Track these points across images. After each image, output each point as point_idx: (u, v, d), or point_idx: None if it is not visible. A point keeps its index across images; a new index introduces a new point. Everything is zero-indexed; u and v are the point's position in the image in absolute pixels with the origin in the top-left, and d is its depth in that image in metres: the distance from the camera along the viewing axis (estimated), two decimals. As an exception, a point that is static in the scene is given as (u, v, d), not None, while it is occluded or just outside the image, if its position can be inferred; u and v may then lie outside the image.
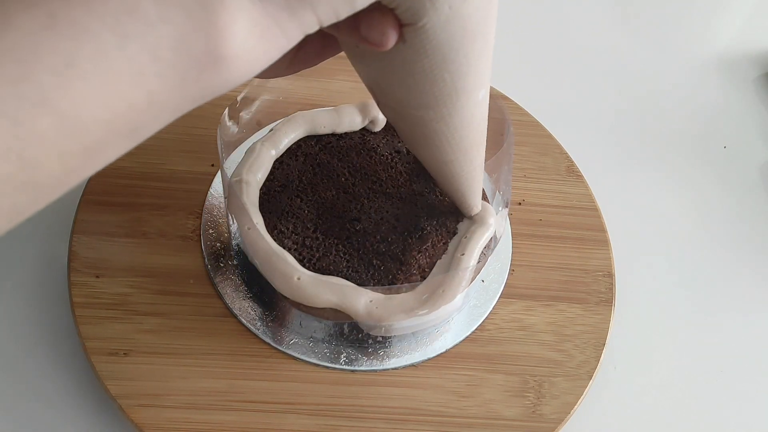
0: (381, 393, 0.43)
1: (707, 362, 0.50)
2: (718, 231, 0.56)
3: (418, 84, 0.33)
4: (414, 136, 0.37)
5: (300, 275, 0.40)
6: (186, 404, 0.41)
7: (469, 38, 0.31)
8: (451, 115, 0.35)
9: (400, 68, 0.32)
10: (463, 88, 0.34)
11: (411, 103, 0.34)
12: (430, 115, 0.35)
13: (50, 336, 0.45)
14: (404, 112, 0.35)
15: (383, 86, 0.35)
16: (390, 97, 0.35)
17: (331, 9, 0.25)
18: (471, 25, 0.30)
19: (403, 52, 0.31)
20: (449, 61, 0.31)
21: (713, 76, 0.67)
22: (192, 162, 0.50)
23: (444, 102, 0.34)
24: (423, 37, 0.30)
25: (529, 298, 0.48)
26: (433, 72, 0.32)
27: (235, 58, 0.24)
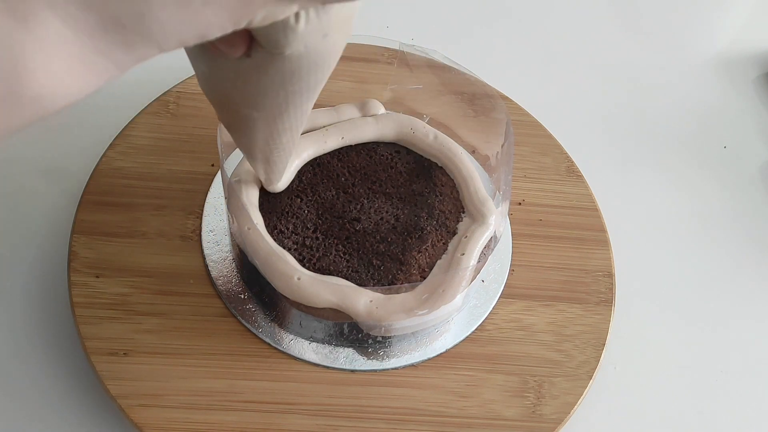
0: (381, 393, 0.43)
1: (707, 362, 0.50)
2: (718, 231, 0.56)
3: (251, 92, 0.32)
4: (234, 125, 0.37)
5: (300, 275, 0.40)
6: (186, 404, 0.41)
7: (315, 70, 0.31)
8: (276, 120, 0.35)
9: (236, 74, 0.31)
10: (294, 103, 0.33)
11: (239, 102, 0.34)
12: (254, 115, 0.34)
13: (50, 336, 0.45)
14: (229, 105, 0.35)
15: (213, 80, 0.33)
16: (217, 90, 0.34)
17: (178, 42, 0.23)
18: (319, 61, 0.30)
19: (245, 63, 0.29)
20: (290, 84, 0.31)
21: (713, 76, 0.67)
22: (192, 162, 0.50)
23: (272, 111, 0.34)
24: (271, 60, 0.29)
25: (529, 298, 0.48)
26: (268, 87, 0.31)
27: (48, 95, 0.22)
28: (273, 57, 0.29)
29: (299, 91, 0.32)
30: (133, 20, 0.21)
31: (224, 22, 0.23)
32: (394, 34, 0.49)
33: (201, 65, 0.32)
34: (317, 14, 0.26)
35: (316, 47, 0.29)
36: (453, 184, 0.47)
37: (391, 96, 0.50)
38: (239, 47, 0.28)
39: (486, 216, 0.45)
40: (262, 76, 0.30)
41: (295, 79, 0.31)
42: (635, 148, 0.60)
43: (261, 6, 0.23)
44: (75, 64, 0.22)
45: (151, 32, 0.22)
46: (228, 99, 0.34)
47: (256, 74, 0.30)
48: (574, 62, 0.66)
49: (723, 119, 0.64)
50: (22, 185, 0.50)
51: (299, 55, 0.28)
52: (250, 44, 0.28)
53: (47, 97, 0.22)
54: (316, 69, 0.31)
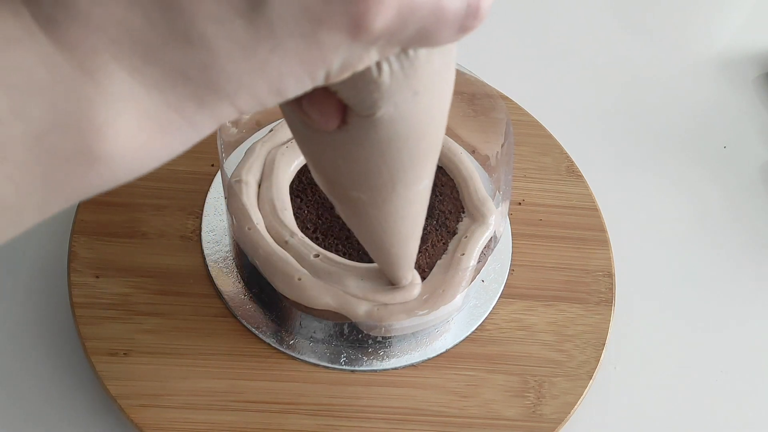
0: (381, 393, 0.43)
1: (707, 362, 0.50)
2: (718, 231, 0.56)
3: (353, 170, 0.30)
4: (347, 211, 0.35)
5: (300, 275, 0.40)
6: (186, 404, 0.41)
7: (413, 139, 0.28)
8: (386, 202, 0.32)
9: (336, 150, 0.29)
10: (401, 180, 0.31)
11: (344, 183, 0.32)
12: (362, 198, 0.32)
13: (50, 336, 0.45)
14: (337, 189, 0.33)
15: (318, 161, 0.31)
16: (324, 171, 0.32)
17: (253, 99, 0.21)
18: (416, 127, 0.28)
19: (342, 136, 0.28)
20: (389, 156, 0.29)
21: (713, 76, 0.67)
22: (192, 162, 0.50)
23: (378, 191, 0.31)
24: (365, 128, 0.27)
25: (530, 298, 0.48)
26: (369, 161, 0.29)
27: (120, 156, 0.20)
28: (367, 125, 0.27)
29: (401, 166, 0.30)
30: (197, 71, 0.20)
31: (298, 72, 0.21)
32: (394, 34, 0.49)
33: (306, 147, 0.31)
34: (401, 65, 0.24)
35: (407, 109, 0.26)
36: (453, 184, 0.47)
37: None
38: (332, 117, 0.27)
39: (486, 216, 0.45)
40: (359, 149, 0.28)
41: (394, 151, 0.28)
42: (635, 148, 0.60)
43: (333, 50, 0.21)
44: (146, 122, 0.21)
45: (219, 85, 0.21)
46: (335, 182, 0.32)
47: (353, 147, 0.28)
48: (574, 62, 0.66)
49: (723, 119, 0.64)
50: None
51: (390, 118, 0.26)
52: (344, 116, 0.27)
53: (119, 159, 0.20)
54: (413, 138, 0.28)
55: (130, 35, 0.19)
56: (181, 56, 0.20)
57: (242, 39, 0.20)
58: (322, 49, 0.21)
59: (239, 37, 0.20)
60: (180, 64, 0.20)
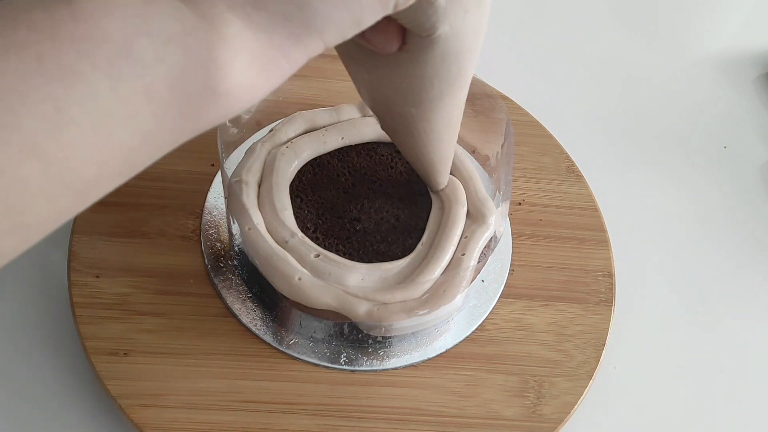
0: (381, 393, 0.43)
1: (707, 362, 0.50)
2: (718, 231, 0.56)
3: (409, 86, 0.34)
4: (395, 126, 0.39)
5: (300, 275, 0.40)
6: (186, 404, 0.41)
7: (462, 53, 0.32)
8: (434, 112, 0.36)
9: (393, 71, 0.33)
10: (449, 91, 0.35)
11: (397, 101, 0.35)
12: (413, 112, 0.36)
13: (50, 336, 0.45)
14: (389, 107, 0.37)
15: (374, 84, 0.35)
16: (378, 93, 0.36)
17: (337, 32, 0.25)
18: (465, 42, 0.31)
19: (400, 58, 0.32)
20: (442, 70, 0.33)
21: (713, 76, 0.67)
22: (192, 162, 0.50)
23: (429, 102, 0.35)
24: (422, 48, 0.31)
25: (529, 298, 0.48)
26: (424, 78, 0.33)
27: (236, 91, 0.24)
28: (424, 45, 0.30)
29: (450, 78, 0.33)
30: (295, 12, 0.24)
31: (374, 5, 0.25)
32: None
33: (363, 73, 0.35)
34: None
35: (459, 27, 0.30)
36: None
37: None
38: (394, 40, 0.30)
39: (486, 216, 0.45)
40: (416, 68, 0.32)
41: (446, 65, 0.32)
42: (635, 148, 0.60)
43: None
44: (255, 61, 0.24)
45: (312, 23, 0.24)
46: (388, 101, 0.36)
47: (412, 66, 0.32)
48: (574, 62, 0.66)
49: (723, 119, 0.64)
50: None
51: (446, 37, 0.30)
52: (404, 38, 0.30)
53: (235, 93, 0.24)
54: (463, 52, 0.32)
55: None
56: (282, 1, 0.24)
57: None
58: None
59: None
60: (281, 8, 0.24)
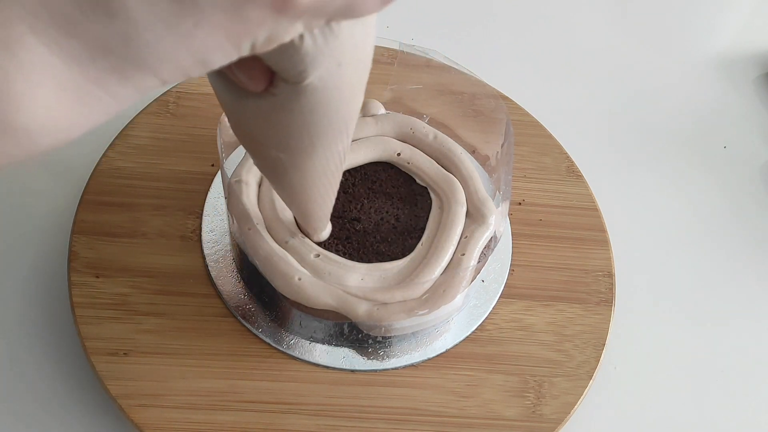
0: (381, 393, 0.43)
1: (707, 362, 0.50)
2: (718, 231, 0.56)
3: (276, 132, 0.31)
4: (266, 169, 0.36)
5: (300, 275, 0.40)
6: (186, 404, 0.41)
7: (336, 106, 0.29)
8: (306, 161, 0.33)
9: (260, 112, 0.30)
10: (321, 144, 0.32)
11: (266, 144, 0.33)
12: (282, 158, 0.33)
13: (50, 336, 0.45)
14: (257, 147, 0.34)
15: (241, 120, 0.32)
16: (246, 130, 0.33)
17: (176, 70, 0.21)
18: (339, 95, 0.29)
19: (267, 101, 0.29)
20: (311, 122, 0.30)
21: (713, 76, 0.67)
22: (192, 162, 0.50)
23: (299, 152, 0.32)
24: (290, 95, 0.28)
25: (529, 298, 0.48)
26: (291, 127, 0.30)
27: (39, 127, 0.20)
28: (293, 92, 0.28)
29: (323, 131, 0.31)
30: (119, 45, 0.20)
31: (224, 45, 0.21)
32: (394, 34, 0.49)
33: (228, 103, 0.31)
34: (325, 37, 0.25)
35: (331, 79, 0.27)
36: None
37: (391, 96, 0.50)
38: (260, 81, 0.27)
39: (486, 216, 0.45)
40: (283, 115, 0.29)
41: (317, 117, 0.29)
42: (635, 148, 0.60)
43: (258, 24, 0.21)
44: (65, 94, 0.20)
45: (142, 58, 0.21)
46: (255, 140, 0.33)
47: (278, 113, 0.29)
48: (574, 62, 0.66)
49: (723, 119, 0.64)
50: (22, 185, 0.50)
51: (315, 88, 0.27)
52: (272, 80, 0.27)
53: (36, 130, 0.21)
54: (335, 105, 0.29)
55: (49, 7, 0.19)
56: (102, 29, 0.20)
57: (166, 12, 0.20)
58: (248, 23, 0.21)
59: (162, 10, 0.20)
60: (101, 37, 0.20)
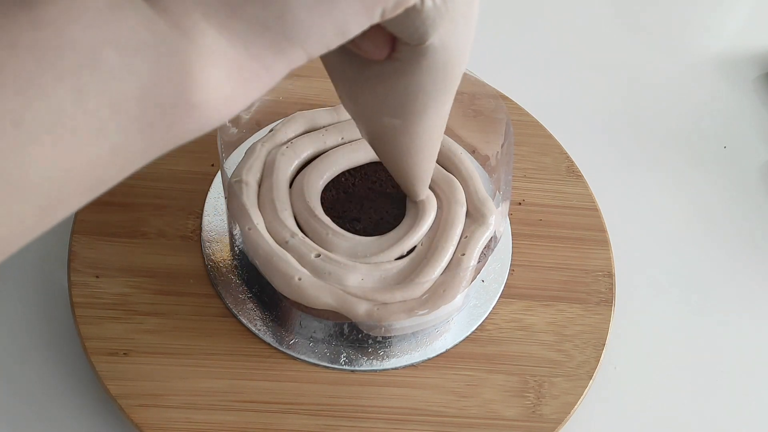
0: (381, 393, 0.43)
1: (707, 362, 0.50)
2: (718, 231, 0.56)
3: (394, 98, 0.33)
4: (376, 136, 0.38)
5: (300, 275, 0.40)
6: (186, 404, 0.41)
7: (449, 67, 0.31)
8: (417, 125, 0.35)
9: (379, 81, 0.32)
10: (434, 105, 0.34)
11: (381, 111, 0.34)
12: (396, 123, 0.35)
13: (50, 336, 0.45)
14: (371, 116, 0.36)
15: (357, 92, 0.34)
16: (361, 102, 0.35)
17: (321, 42, 0.24)
18: (452, 55, 0.31)
19: (387, 67, 0.31)
20: (428, 83, 0.32)
21: (713, 76, 0.67)
22: (192, 162, 0.50)
23: (413, 115, 0.34)
24: (412, 57, 0.30)
25: (529, 298, 0.48)
26: (409, 90, 0.32)
27: (212, 104, 0.23)
28: (414, 54, 0.30)
29: (435, 91, 0.33)
30: (275, 22, 0.23)
31: (360, 14, 0.24)
32: (394, 34, 0.49)
33: (347, 80, 0.34)
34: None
35: (448, 38, 0.29)
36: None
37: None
38: (384, 47, 0.30)
39: (486, 216, 0.45)
40: (403, 79, 0.31)
41: (432, 78, 0.32)
42: (635, 148, 0.60)
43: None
44: (233, 72, 0.23)
45: (293, 33, 0.23)
46: (371, 110, 0.35)
47: (398, 77, 0.31)
48: (574, 62, 0.66)
49: (723, 119, 0.64)
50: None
51: (435, 48, 0.29)
52: (394, 46, 0.30)
53: (211, 106, 0.23)
54: (450, 65, 0.31)
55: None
56: (261, 9, 0.23)
57: None
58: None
59: None
60: (260, 17, 0.23)
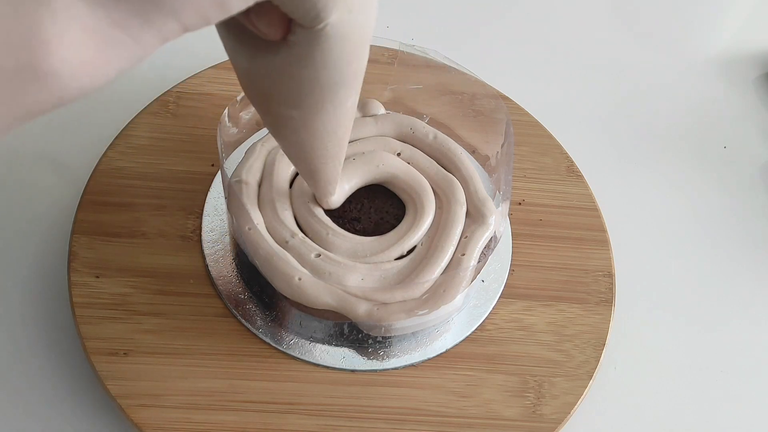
0: (381, 393, 0.43)
1: (707, 362, 0.50)
2: (718, 231, 0.56)
3: (288, 86, 0.32)
4: (276, 129, 0.36)
5: (300, 275, 0.40)
6: (186, 404, 0.41)
7: (345, 58, 0.30)
8: (315, 119, 0.34)
9: (273, 65, 0.31)
10: (331, 99, 0.33)
11: (278, 100, 0.33)
12: (293, 115, 0.34)
13: (50, 336, 0.45)
14: (269, 105, 0.34)
15: (253, 76, 0.33)
16: (257, 87, 0.33)
17: (198, 16, 0.22)
18: (348, 46, 0.30)
19: (282, 52, 0.30)
20: (323, 74, 0.31)
21: (713, 76, 0.67)
22: (192, 162, 0.50)
23: (309, 108, 0.33)
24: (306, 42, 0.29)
25: (529, 298, 0.48)
26: (303, 79, 0.31)
27: (68, 72, 0.21)
28: (308, 39, 0.28)
29: (335, 85, 0.32)
30: None
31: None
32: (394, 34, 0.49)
33: (242, 60, 0.32)
34: None
35: (342, 27, 0.28)
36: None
37: (391, 96, 0.50)
38: (278, 28, 0.28)
39: (486, 216, 0.45)
40: (297, 67, 0.30)
41: (329, 69, 0.30)
42: (635, 148, 0.60)
43: None
44: (91, 38, 0.21)
45: (164, 2, 0.21)
46: (267, 97, 0.34)
47: (292, 65, 0.30)
48: (574, 62, 0.66)
49: (723, 119, 0.64)
50: (21, 185, 0.50)
51: (328, 36, 0.28)
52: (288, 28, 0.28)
53: (66, 74, 0.21)
54: (346, 57, 0.30)
55: None
56: None
57: None
58: None
59: None
60: None
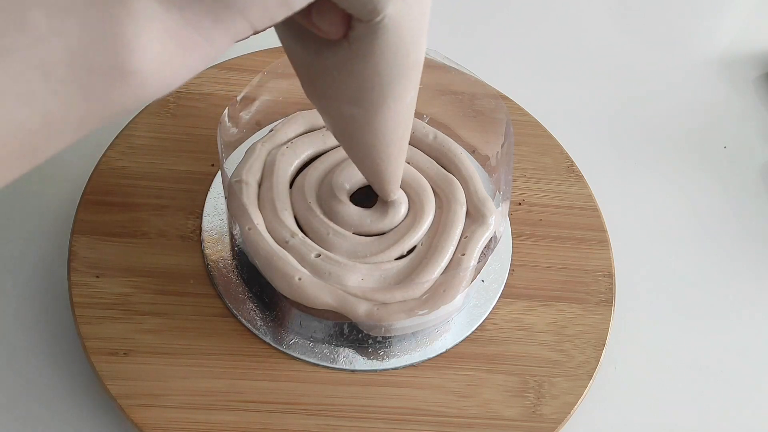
0: (381, 393, 0.43)
1: (707, 362, 0.50)
2: (718, 231, 0.56)
3: (350, 83, 0.32)
4: (340, 128, 0.37)
5: (300, 275, 0.40)
6: (186, 404, 0.41)
7: (402, 51, 0.31)
8: (378, 115, 0.35)
9: (334, 64, 0.32)
10: (391, 94, 0.33)
11: (339, 99, 0.34)
12: (355, 113, 0.34)
13: (50, 336, 0.45)
14: (332, 105, 0.35)
15: (315, 76, 0.34)
16: (320, 88, 0.34)
17: (265, 14, 0.24)
18: (405, 38, 0.30)
19: (342, 49, 0.30)
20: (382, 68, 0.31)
21: (713, 76, 0.67)
22: (192, 162, 0.50)
23: (371, 104, 0.34)
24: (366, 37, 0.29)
25: (529, 298, 0.48)
26: (364, 76, 0.32)
27: (148, 71, 0.22)
28: (368, 33, 0.29)
29: (392, 77, 0.32)
30: None
31: None
32: (394, 34, 0.49)
33: (303, 61, 0.33)
34: None
35: (399, 18, 0.29)
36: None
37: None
38: (338, 26, 0.29)
39: (486, 216, 0.45)
40: (358, 62, 0.31)
41: (387, 62, 0.31)
42: (635, 148, 0.60)
43: None
44: (169, 39, 0.22)
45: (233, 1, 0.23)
46: (329, 97, 0.34)
47: (352, 61, 0.31)
48: (574, 62, 0.66)
49: (723, 119, 0.64)
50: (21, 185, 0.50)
51: (386, 28, 0.29)
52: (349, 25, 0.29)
53: (147, 74, 0.22)
54: (404, 49, 0.31)
55: None
56: None
57: None
58: None
59: None
60: None
